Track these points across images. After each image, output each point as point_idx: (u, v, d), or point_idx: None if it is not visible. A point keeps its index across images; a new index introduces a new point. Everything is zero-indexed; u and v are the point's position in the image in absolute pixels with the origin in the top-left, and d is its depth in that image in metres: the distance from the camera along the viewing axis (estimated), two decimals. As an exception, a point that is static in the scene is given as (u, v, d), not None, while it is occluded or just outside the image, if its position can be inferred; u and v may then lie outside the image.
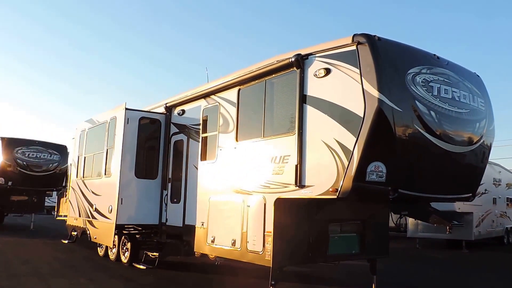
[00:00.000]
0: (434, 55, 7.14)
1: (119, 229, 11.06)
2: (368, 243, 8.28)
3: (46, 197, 25.09)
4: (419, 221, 16.78)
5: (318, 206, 7.38)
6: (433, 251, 18.32)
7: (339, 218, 7.99)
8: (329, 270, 10.97)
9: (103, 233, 11.27)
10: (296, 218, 7.39)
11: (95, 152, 12.43)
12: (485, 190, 19.35)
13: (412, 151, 6.52)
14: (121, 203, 10.44)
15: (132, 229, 11.37)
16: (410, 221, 18.85)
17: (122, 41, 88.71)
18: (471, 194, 7.79)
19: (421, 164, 6.73)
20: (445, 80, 6.89)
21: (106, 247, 12.32)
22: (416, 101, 6.39)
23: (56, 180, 21.24)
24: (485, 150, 7.67)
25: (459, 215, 16.29)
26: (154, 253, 10.38)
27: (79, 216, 12.99)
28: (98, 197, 11.85)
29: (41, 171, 20.92)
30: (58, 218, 18.06)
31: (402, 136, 6.34)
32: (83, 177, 13.18)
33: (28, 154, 20.77)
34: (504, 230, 21.46)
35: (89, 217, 12.21)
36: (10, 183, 20.25)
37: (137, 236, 11.43)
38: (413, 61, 6.67)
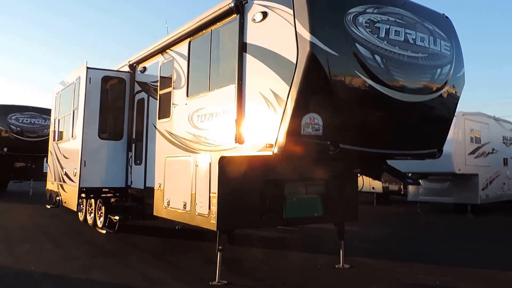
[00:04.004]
0: None
1: (94, 193, 10.83)
2: (333, 206, 7.64)
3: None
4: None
5: (271, 165, 6.78)
6: (434, 215, 17.04)
7: (298, 178, 7.40)
8: (294, 234, 10.42)
9: (70, 197, 10.98)
10: (245, 178, 6.81)
11: (65, 114, 12.03)
12: (493, 149, 17.99)
13: (353, 101, 5.83)
14: (84, 166, 10.08)
15: (108, 193, 11.03)
16: None
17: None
18: (435, 150, 7.09)
19: (366, 115, 6.04)
20: (397, 20, 6.10)
21: (85, 212, 12.07)
22: (357, 44, 5.64)
23: (51, 145, 21.14)
24: (451, 100, 6.93)
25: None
26: (115, 217, 10.03)
27: (54, 180, 12.73)
28: (67, 160, 11.51)
29: (35, 137, 20.80)
30: None
31: (340, 84, 5.66)
32: (57, 140, 12.85)
33: (22, 120, 20.68)
34: None
35: (61, 181, 11.92)
36: (5, 149, 20.26)
37: (112, 200, 11.09)
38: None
